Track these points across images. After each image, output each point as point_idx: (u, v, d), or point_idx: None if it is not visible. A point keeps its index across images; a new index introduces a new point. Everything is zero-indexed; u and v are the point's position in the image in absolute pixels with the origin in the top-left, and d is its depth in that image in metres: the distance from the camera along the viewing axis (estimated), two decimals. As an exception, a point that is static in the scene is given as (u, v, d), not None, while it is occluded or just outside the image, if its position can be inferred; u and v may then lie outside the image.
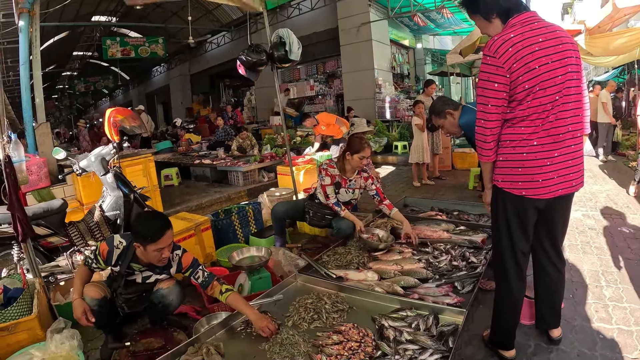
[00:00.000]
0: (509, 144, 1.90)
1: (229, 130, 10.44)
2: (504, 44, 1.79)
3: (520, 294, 2.12)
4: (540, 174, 1.85)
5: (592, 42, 7.01)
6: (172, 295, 2.45)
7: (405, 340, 2.17)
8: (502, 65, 1.79)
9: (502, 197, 1.99)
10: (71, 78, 25.65)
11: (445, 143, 7.79)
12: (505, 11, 1.89)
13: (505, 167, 1.94)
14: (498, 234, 2.10)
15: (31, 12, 4.74)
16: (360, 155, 3.59)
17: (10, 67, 12.80)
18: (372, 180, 3.80)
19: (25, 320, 2.39)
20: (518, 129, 1.86)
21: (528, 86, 1.78)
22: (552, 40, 1.80)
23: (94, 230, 3.64)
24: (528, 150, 1.85)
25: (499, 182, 1.98)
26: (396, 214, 3.68)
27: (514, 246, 2.02)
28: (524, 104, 1.82)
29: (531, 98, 1.80)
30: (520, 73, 1.77)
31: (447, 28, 15.10)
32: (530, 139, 1.84)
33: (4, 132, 2.68)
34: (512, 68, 1.78)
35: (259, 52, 4.53)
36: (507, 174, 1.93)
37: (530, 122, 1.83)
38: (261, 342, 2.26)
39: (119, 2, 15.76)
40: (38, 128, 5.08)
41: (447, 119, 3.09)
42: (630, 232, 3.97)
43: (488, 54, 1.84)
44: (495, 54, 1.81)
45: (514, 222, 1.99)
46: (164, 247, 2.27)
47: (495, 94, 1.84)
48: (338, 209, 3.65)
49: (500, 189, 1.98)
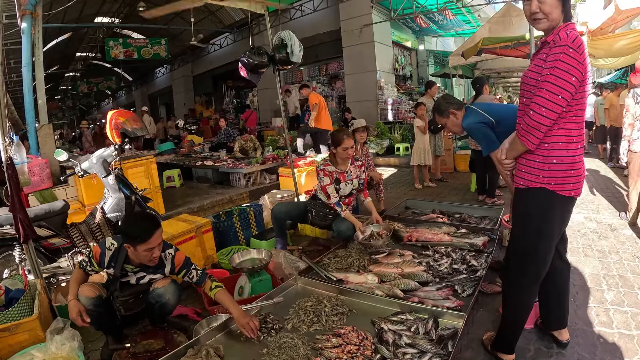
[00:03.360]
0: (562, 146, 1.89)
1: (232, 131, 10.46)
2: (583, 44, 1.81)
3: (534, 297, 2.14)
4: (581, 175, 1.94)
5: (595, 43, 7.00)
6: (168, 294, 2.45)
7: (404, 343, 2.17)
8: (582, 62, 1.78)
9: (553, 199, 1.94)
10: (74, 79, 25.76)
11: (447, 145, 7.78)
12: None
13: (560, 169, 1.90)
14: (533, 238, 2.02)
15: (34, 13, 4.78)
16: (342, 147, 3.70)
17: (13, 68, 12.85)
18: (363, 167, 4.01)
19: (26, 321, 2.40)
20: (568, 130, 1.88)
21: (583, 89, 1.83)
22: None
23: (95, 232, 3.65)
24: (576, 153, 1.91)
25: (552, 185, 1.91)
26: (368, 203, 3.96)
27: (550, 249, 2.03)
28: (576, 104, 1.86)
29: (581, 97, 1.85)
30: (587, 75, 1.81)
31: (450, 30, 15.09)
32: (577, 141, 1.90)
33: (6, 134, 2.70)
34: (587, 68, 1.80)
35: (261, 54, 4.54)
36: (561, 177, 1.90)
37: (574, 125, 1.88)
38: (261, 344, 2.26)
39: (121, 3, 15.83)
40: (40, 129, 5.11)
41: (449, 119, 3.08)
42: (631, 235, 3.95)
43: (572, 46, 1.78)
44: (579, 49, 1.78)
45: (557, 223, 2.00)
46: (154, 246, 2.30)
47: (569, 87, 1.79)
48: (339, 209, 3.69)
49: (551, 192, 1.92)
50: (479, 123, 2.92)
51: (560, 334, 2.30)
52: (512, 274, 2.13)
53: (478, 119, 2.93)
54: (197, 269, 2.55)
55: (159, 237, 2.33)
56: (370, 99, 12.09)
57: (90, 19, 16.52)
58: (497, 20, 8.44)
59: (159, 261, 2.45)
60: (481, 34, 8.14)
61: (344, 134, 3.74)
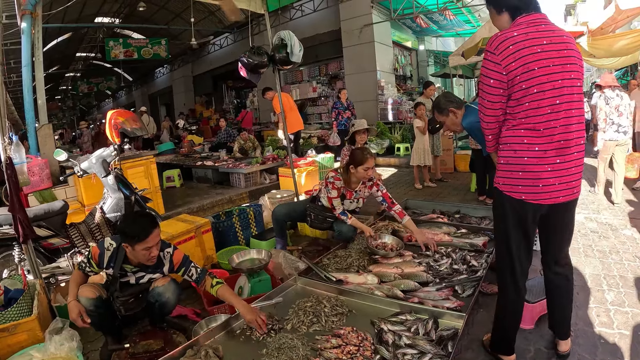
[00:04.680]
0: (510, 147, 1.90)
1: (231, 131, 10.45)
2: (505, 42, 1.80)
3: (518, 298, 2.09)
4: (540, 179, 1.84)
5: (595, 43, 6.99)
6: (168, 293, 2.45)
7: (404, 344, 2.16)
8: (500, 62, 1.80)
9: (503, 200, 1.98)
10: (74, 79, 25.73)
11: (448, 145, 7.78)
12: (514, 8, 1.90)
13: (506, 170, 1.94)
14: (498, 237, 2.10)
15: (33, 13, 4.77)
16: (364, 167, 3.53)
17: (13, 68, 12.85)
18: (377, 187, 3.77)
19: (25, 321, 2.40)
20: (518, 131, 1.86)
21: (525, 86, 1.78)
22: (557, 44, 1.79)
23: (94, 232, 3.65)
24: (529, 155, 1.84)
25: (500, 185, 1.98)
26: (408, 222, 3.59)
27: (513, 250, 2.01)
28: (522, 104, 1.82)
29: (528, 100, 1.80)
30: (518, 72, 1.77)
31: (450, 30, 15.08)
32: (531, 143, 1.83)
33: (6, 134, 2.69)
34: (510, 67, 1.78)
35: (261, 54, 4.53)
36: (508, 177, 1.93)
37: (530, 127, 1.82)
38: (260, 345, 2.26)
39: (121, 3, 15.82)
40: (40, 129, 5.11)
41: (448, 117, 3.03)
42: (632, 236, 3.95)
43: (489, 49, 1.85)
44: (495, 50, 1.82)
45: (514, 225, 1.98)
46: (152, 245, 2.30)
47: (491, 90, 1.87)
48: (345, 217, 3.63)
49: (501, 192, 1.98)
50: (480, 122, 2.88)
51: (560, 345, 2.22)
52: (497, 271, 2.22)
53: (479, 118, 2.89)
54: (196, 267, 2.55)
55: (157, 236, 2.33)
56: (371, 99, 12.08)
57: (90, 19, 16.49)
58: (498, 20, 8.42)
59: (157, 260, 2.44)
60: (481, 34, 8.12)
61: (367, 153, 3.55)
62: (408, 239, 3.71)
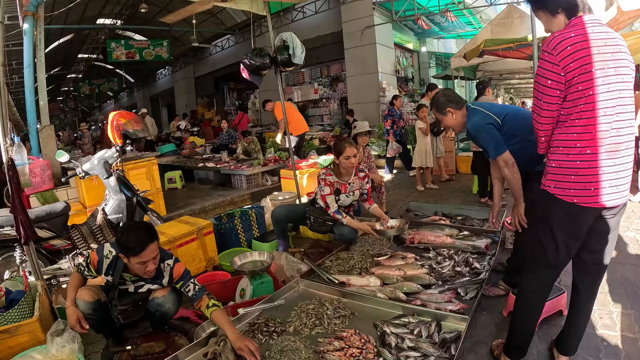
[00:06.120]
0: (562, 150, 1.85)
1: (233, 133, 10.45)
2: (563, 42, 1.76)
3: (544, 301, 2.08)
4: (592, 182, 1.80)
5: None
6: (168, 303, 2.43)
7: (407, 347, 2.15)
8: (558, 63, 1.76)
9: (553, 202, 1.91)
10: (76, 80, 25.82)
11: (449, 147, 7.77)
12: (571, 7, 1.85)
13: (558, 173, 1.88)
14: (540, 238, 2.00)
15: (35, 15, 4.78)
16: (344, 156, 3.59)
17: (15, 69, 12.89)
18: (367, 179, 3.89)
19: (26, 322, 2.39)
20: (571, 135, 1.82)
21: (582, 87, 1.74)
22: (611, 46, 1.76)
23: (96, 234, 3.65)
24: (582, 159, 1.80)
25: (551, 188, 1.91)
26: (374, 209, 3.87)
27: (556, 252, 1.95)
28: (577, 105, 1.78)
29: (584, 102, 1.75)
30: (576, 73, 1.74)
31: (451, 31, 15.08)
32: (583, 146, 1.79)
33: (8, 135, 2.69)
34: (569, 67, 1.74)
35: (263, 56, 4.53)
36: (560, 181, 1.87)
37: (583, 129, 1.78)
38: (263, 348, 2.25)
39: (123, 5, 15.86)
40: (42, 131, 5.11)
41: (446, 116, 2.96)
42: (634, 238, 3.93)
43: (546, 50, 1.80)
44: (553, 50, 1.77)
45: (558, 230, 1.93)
46: (147, 260, 2.22)
47: (548, 91, 1.81)
48: (339, 217, 3.61)
49: (551, 195, 1.91)
50: (488, 124, 2.72)
51: (560, 358, 2.17)
52: (522, 273, 2.16)
53: (485, 120, 2.73)
54: (195, 283, 2.42)
55: (154, 251, 2.24)
56: (372, 101, 12.08)
57: (92, 21, 16.54)
58: (499, 22, 8.43)
59: (157, 271, 2.36)
60: (483, 35, 8.12)
61: (345, 142, 3.62)
62: (410, 241, 3.70)
